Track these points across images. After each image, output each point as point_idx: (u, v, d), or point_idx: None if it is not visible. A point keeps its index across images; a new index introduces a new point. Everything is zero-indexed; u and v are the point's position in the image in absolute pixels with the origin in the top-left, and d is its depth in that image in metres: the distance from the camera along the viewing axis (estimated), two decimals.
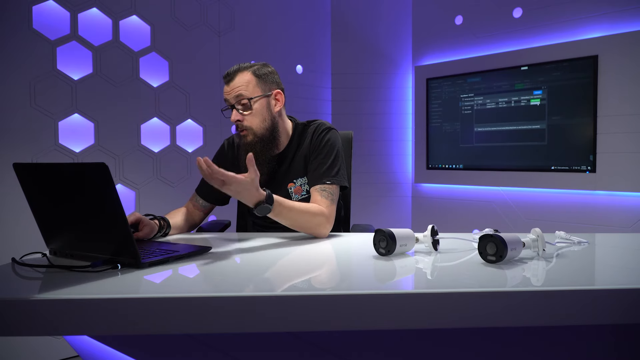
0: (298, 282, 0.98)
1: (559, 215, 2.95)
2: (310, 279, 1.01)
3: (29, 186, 1.10)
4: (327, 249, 1.29)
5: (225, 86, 1.55)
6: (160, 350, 1.08)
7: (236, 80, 1.52)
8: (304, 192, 1.59)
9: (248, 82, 1.52)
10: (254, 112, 1.53)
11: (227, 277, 1.05)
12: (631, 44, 2.64)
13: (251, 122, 1.53)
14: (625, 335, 1.03)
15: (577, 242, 1.32)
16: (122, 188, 2.64)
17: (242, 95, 1.51)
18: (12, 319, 0.81)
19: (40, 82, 2.36)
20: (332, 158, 1.56)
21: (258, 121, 1.53)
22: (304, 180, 1.59)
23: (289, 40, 3.44)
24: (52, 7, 2.41)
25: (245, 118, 1.52)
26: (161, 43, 2.78)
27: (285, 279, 1.01)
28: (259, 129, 1.54)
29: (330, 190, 1.51)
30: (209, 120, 2.99)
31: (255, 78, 1.54)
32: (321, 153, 1.56)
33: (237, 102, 1.52)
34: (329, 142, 1.58)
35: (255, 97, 1.52)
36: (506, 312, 0.86)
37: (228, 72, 1.55)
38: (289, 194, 1.59)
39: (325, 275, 1.03)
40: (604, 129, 2.74)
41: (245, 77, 1.53)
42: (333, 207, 1.49)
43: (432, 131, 3.52)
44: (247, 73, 1.53)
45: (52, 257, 1.15)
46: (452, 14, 3.42)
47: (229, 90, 1.53)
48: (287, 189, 1.60)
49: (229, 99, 1.53)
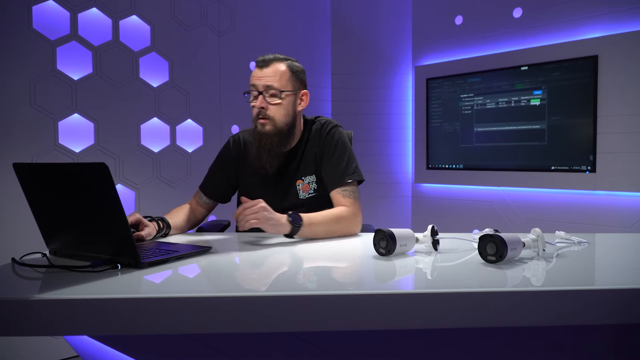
0: (298, 282, 0.98)
1: (559, 215, 2.95)
2: (311, 279, 1.01)
3: (29, 186, 1.10)
4: (327, 249, 1.29)
5: (257, 70, 1.52)
6: (160, 350, 1.08)
7: (271, 69, 1.51)
8: (311, 191, 1.59)
9: (282, 74, 1.52)
10: (281, 105, 1.52)
11: (227, 277, 1.05)
12: (631, 44, 2.64)
13: (275, 113, 1.52)
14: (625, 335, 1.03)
15: (577, 242, 1.32)
16: (122, 188, 2.64)
17: (272, 86, 1.50)
18: (12, 319, 0.81)
19: (40, 82, 2.36)
20: (346, 157, 1.58)
21: (281, 114, 1.53)
22: (313, 178, 1.60)
23: (289, 40, 3.44)
24: (52, 7, 2.41)
25: (270, 107, 1.52)
26: (161, 43, 2.78)
27: (285, 279, 1.01)
28: (280, 122, 1.53)
29: (351, 190, 1.54)
30: (208, 120, 2.99)
31: (290, 72, 1.54)
32: (335, 154, 1.57)
33: (266, 90, 1.50)
34: (340, 141, 1.60)
35: (285, 91, 1.52)
36: (506, 312, 0.86)
37: (264, 58, 1.53)
38: (296, 191, 1.59)
39: (326, 275, 1.03)
40: (604, 129, 2.74)
41: (281, 68, 1.52)
42: (357, 204, 1.52)
43: (432, 131, 3.52)
44: (283, 65, 1.53)
45: (52, 257, 1.15)
46: (452, 14, 3.42)
47: (260, 76, 1.51)
48: (296, 186, 1.60)
49: (258, 85, 1.51)
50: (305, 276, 1.03)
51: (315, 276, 1.02)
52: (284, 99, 1.52)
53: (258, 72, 1.52)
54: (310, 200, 1.59)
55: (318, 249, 1.28)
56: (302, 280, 1.00)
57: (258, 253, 1.24)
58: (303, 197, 1.59)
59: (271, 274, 1.05)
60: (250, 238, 1.42)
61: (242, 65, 3.16)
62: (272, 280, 1.00)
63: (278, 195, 1.60)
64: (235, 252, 1.26)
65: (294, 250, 1.25)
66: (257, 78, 1.51)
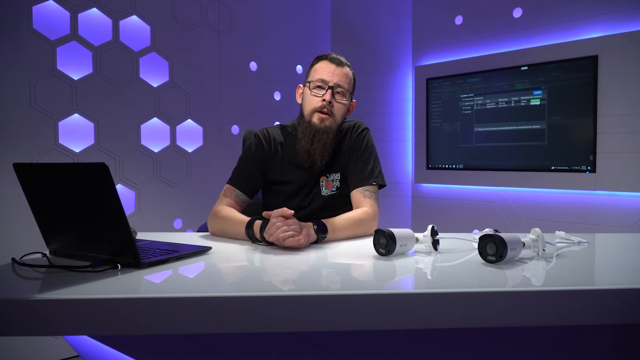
0: (298, 282, 0.98)
1: (559, 215, 2.95)
2: (311, 279, 1.01)
3: (29, 186, 1.10)
4: (327, 249, 1.29)
5: (331, 66, 1.57)
6: (160, 350, 1.08)
7: (346, 70, 1.59)
8: (334, 188, 1.63)
9: (351, 79, 1.62)
10: (344, 105, 1.60)
11: (227, 277, 1.05)
12: (631, 44, 2.64)
13: (337, 111, 1.59)
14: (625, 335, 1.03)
15: (577, 242, 1.32)
16: (122, 188, 2.64)
17: (343, 87, 1.57)
18: (12, 319, 0.81)
19: (40, 82, 2.36)
20: (373, 160, 1.64)
21: (341, 114, 1.61)
22: (337, 176, 1.63)
23: (289, 40, 3.44)
24: (52, 7, 2.41)
25: (335, 105, 1.58)
26: (161, 43, 2.78)
27: (285, 279, 1.01)
28: (337, 120, 1.60)
29: (372, 190, 1.60)
30: (208, 120, 2.99)
31: (354, 80, 1.64)
32: (363, 154, 1.63)
33: (337, 86, 1.56)
34: (369, 144, 1.66)
35: (351, 94, 1.63)
36: (506, 312, 0.86)
37: (338, 57, 1.60)
38: (319, 187, 1.62)
39: (326, 276, 1.03)
40: (604, 129, 2.74)
41: (351, 74, 1.62)
42: (376, 205, 1.58)
43: (432, 131, 3.52)
44: (351, 71, 1.63)
45: (52, 257, 1.15)
46: (452, 14, 3.42)
47: (335, 72, 1.56)
48: (320, 182, 1.63)
49: (330, 81, 1.55)
50: (305, 276, 1.03)
51: (315, 276, 1.02)
52: (347, 101, 1.60)
53: (333, 68, 1.57)
54: (330, 197, 1.63)
55: (318, 249, 1.28)
56: (302, 281, 1.00)
57: (258, 253, 1.24)
58: (325, 194, 1.62)
59: (271, 274, 1.05)
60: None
61: (242, 65, 3.16)
62: (272, 280, 1.00)
63: (304, 190, 1.63)
64: (235, 252, 1.26)
65: (294, 251, 1.25)
66: (331, 74, 1.56)
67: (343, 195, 1.64)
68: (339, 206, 1.62)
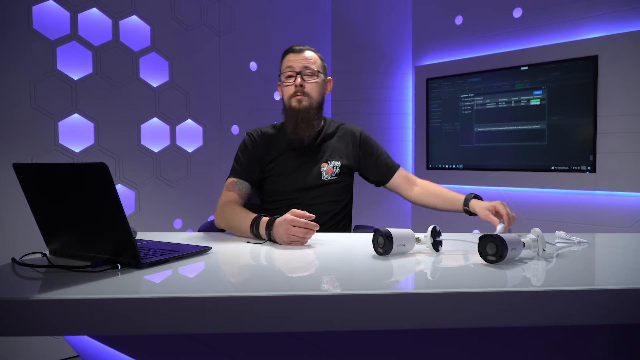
0: (297, 282, 0.98)
1: (559, 215, 2.95)
2: (310, 279, 1.01)
3: (28, 186, 1.10)
4: (326, 249, 1.29)
5: (292, 55, 1.71)
6: (160, 350, 1.08)
7: (307, 54, 1.71)
8: (334, 174, 1.73)
9: (316, 59, 1.72)
10: (317, 84, 1.70)
11: (227, 277, 1.05)
12: (631, 44, 2.64)
13: (311, 90, 1.69)
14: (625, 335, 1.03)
15: (577, 242, 1.32)
16: (122, 188, 2.64)
17: (310, 67, 1.68)
18: (12, 319, 0.81)
19: (40, 82, 2.36)
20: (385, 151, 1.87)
21: (316, 92, 1.71)
22: (338, 163, 1.74)
23: (289, 40, 3.43)
24: (52, 7, 2.41)
25: (307, 85, 1.68)
26: (161, 43, 2.78)
27: (284, 279, 1.01)
28: (314, 98, 1.70)
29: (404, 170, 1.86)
30: (208, 120, 2.99)
31: (320, 60, 1.75)
32: (378, 150, 1.84)
33: (304, 69, 1.67)
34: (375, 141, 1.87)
35: (320, 72, 1.72)
36: (506, 312, 0.86)
37: (300, 46, 1.73)
38: (320, 172, 1.72)
39: (325, 276, 1.03)
40: (604, 129, 2.74)
41: (314, 55, 1.73)
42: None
43: (432, 131, 3.52)
44: (314, 53, 1.74)
45: (52, 257, 1.15)
46: (452, 14, 3.42)
47: (298, 59, 1.69)
48: (320, 168, 1.72)
49: (295, 66, 1.68)
50: (305, 276, 1.03)
51: (315, 276, 1.02)
52: (319, 79, 1.70)
53: (295, 56, 1.70)
54: (328, 183, 1.72)
55: (317, 249, 1.28)
56: (301, 281, 1.00)
57: (258, 253, 1.24)
58: (325, 179, 1.71)
59: (270, 274, 1.05)
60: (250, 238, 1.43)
61: (242, 65, 3.16)
62: (272, 280, 1.00)
63: (301, 172, 1.71)
64: (235, 252, 1.26)
65: (294, 251, 1.25)
66: (294, 61, 1.69)
67: (340, 182, 1.74)
68: (336, 193, 1.74)
